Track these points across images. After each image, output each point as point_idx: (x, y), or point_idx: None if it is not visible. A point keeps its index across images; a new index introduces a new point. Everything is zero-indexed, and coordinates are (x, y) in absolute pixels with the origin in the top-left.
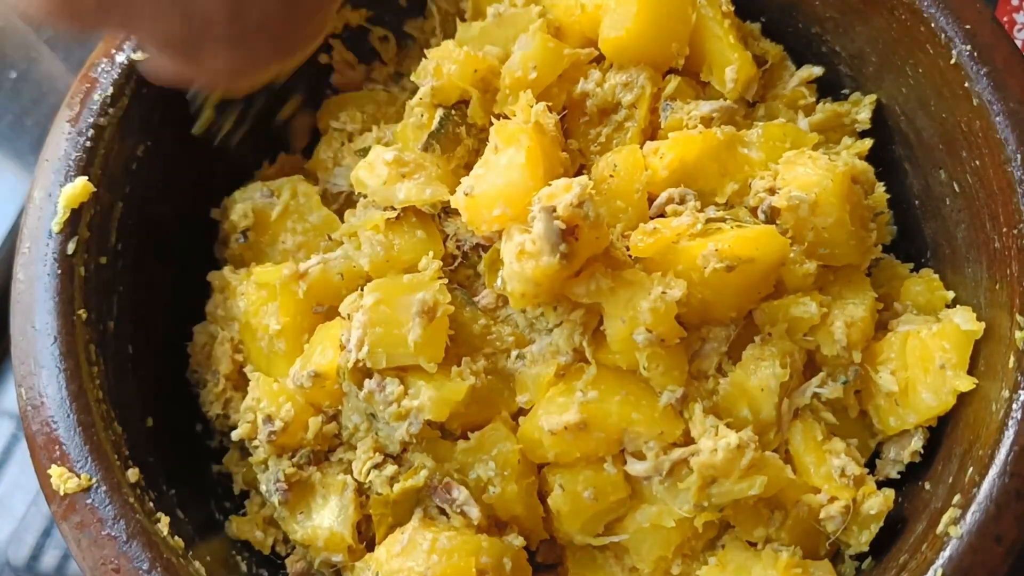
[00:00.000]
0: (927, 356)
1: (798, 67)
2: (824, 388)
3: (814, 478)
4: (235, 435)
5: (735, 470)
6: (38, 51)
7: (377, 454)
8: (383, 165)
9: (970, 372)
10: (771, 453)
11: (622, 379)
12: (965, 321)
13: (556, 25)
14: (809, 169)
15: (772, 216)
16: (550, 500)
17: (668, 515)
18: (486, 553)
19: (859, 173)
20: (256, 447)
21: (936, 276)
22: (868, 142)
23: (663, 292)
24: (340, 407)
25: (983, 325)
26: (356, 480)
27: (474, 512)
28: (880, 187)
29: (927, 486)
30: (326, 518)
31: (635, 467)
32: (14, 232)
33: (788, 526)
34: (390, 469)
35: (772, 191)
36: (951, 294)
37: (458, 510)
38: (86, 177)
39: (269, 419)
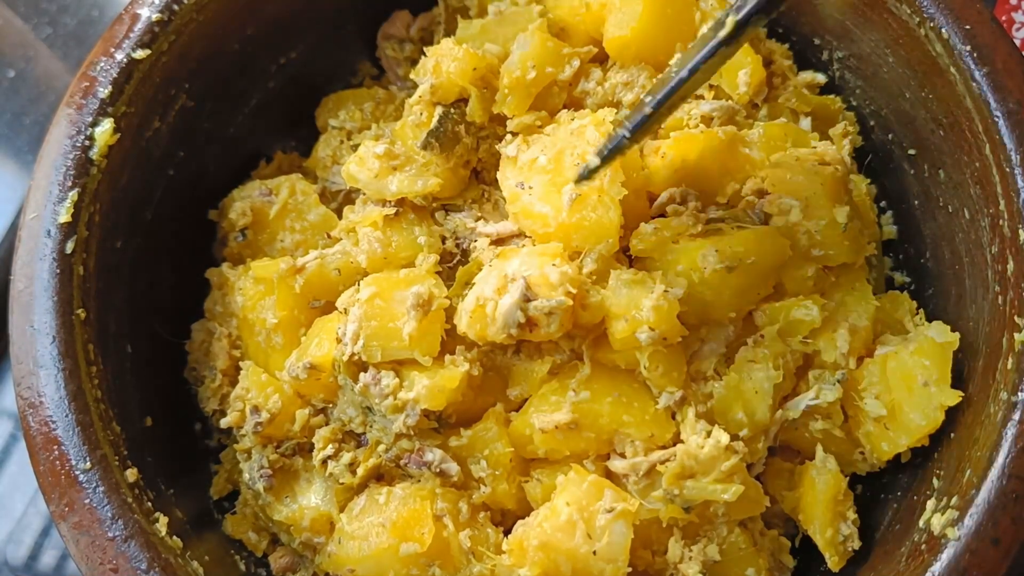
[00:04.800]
0: (909, 375)
1: (800, 69)
2: (818, 399)
3: (816, 536)
4: (224, 423)
5: (715, 469)
6: (36, 50)
7: (329, 445)
8: (374, 159)
9: (968, 375)
10: (755, 481)
11: (615, 380)
12: (940, 334)
13: (560, 24)
14: (798, 174)
15: (764, 220)
16: (527, 487)
17: None
18: (441, 498)
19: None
20: (243, 436)
21: (902, 293)
22: (857, 137)
23: (665, 291)
24: (332, 400)
25: (957, 336)
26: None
27: (453, 468)
28: (864, 182)
29: (925, 488)
30: (312, 498)
31: (615, 464)
32: (13, 231)
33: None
34: (346, 456)
35: (761, 193)
36: (914, 304)
37: (437, 470)
38: (85, 176)
39: (256, 410)
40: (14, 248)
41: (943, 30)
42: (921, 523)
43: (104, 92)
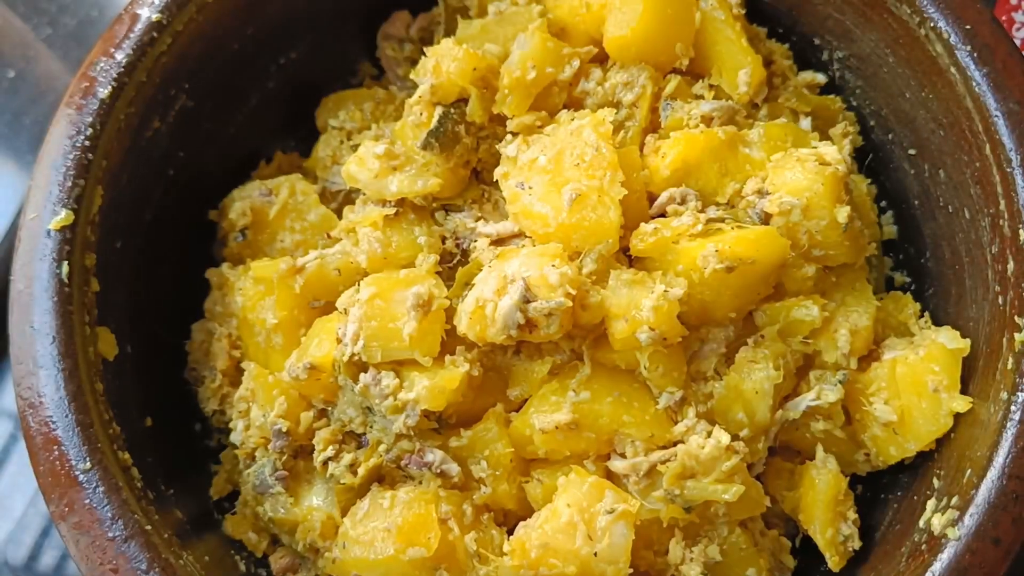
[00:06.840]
0: (919, 381)
1: (800, 69)
2: (819, 400)
3: (817, 536)
4: (239, 440)
5: (716, 469)
6: (36, 50)
7: (330, 447)
8: (374, 159)
9: (968, 375)
10: (755, 481)
11: (616, 380)
12: (950, 340)
13: (560, 24)
14: (799, 174)
15: (764, 220)
16: (527, 487)
17: None
18: (446, 501)
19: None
20: (250, 436)
21: (905, 294)
22: (858, 137)
23: (665, 291)
24: (332, 401)
25: (968, 342)
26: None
27: (453, 469)
28: (864, 182)
29: (925, 488)
30: (314, 500)
31: (616, 464)
32: (13, 231)
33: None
34: (347, 457)
35: (761, 193)
36: (918, 306)
37: (437, 471)
38: (85, 176)
39: (280, 433)
40: (14, 248)
41: (943, 30)
42: (921, 523)
43: (104, 92)
